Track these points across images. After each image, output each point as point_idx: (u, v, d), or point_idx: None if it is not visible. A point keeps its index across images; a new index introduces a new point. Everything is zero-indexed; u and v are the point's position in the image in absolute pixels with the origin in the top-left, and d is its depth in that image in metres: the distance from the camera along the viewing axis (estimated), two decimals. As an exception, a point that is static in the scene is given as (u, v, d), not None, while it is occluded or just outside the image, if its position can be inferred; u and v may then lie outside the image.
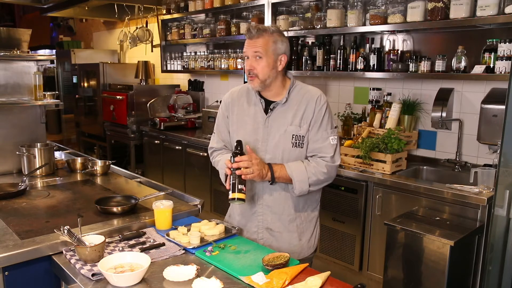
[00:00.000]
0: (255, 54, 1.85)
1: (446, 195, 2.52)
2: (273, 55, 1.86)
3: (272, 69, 1.87)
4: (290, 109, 1.92)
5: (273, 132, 1.92)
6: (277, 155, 1.92)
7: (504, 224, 2.10)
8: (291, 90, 1.94)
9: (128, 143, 5.20)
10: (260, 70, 1.86)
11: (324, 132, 1.91)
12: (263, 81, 1.88)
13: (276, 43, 1.86)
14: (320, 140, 1.91)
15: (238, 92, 2.06)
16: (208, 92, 5.15)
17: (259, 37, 1.84)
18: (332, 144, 1.91)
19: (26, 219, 1.94)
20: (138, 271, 1.44)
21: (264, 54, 1.84)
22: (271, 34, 1.86)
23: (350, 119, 3.43)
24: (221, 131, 2.08)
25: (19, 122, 2.86)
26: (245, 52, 1.89)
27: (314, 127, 1.91)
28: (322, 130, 1.91)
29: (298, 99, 1.93)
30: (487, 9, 2.53)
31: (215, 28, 4.52)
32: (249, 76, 1.89)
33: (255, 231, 2.00)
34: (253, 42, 1.85)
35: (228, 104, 2.05)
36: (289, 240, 1.99)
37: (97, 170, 2.76)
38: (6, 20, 9.41)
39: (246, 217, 2.02)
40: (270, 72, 1.87)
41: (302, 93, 1.94)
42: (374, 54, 3.22)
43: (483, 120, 2.74)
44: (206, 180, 4.13)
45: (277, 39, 1.87)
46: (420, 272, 2.43)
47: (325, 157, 1.90)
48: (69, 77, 6.46)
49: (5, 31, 3.87)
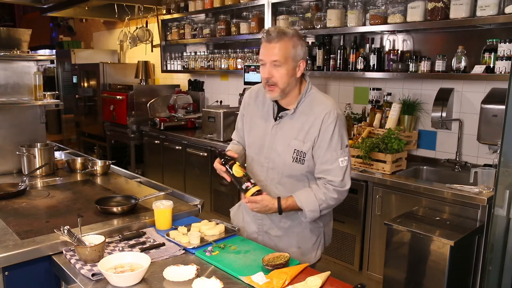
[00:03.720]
0: (274, 63, 1.73)
1: (446, 195, 2.52)
2: (292, 62, 1.74)
3: (291, 76, 1.76)
4: (297, 121, 1.83)
5: (277, 142, 1.87)
6: (279, 167, 1.88)
7: (504, 224, 2.10)
8: (302, 100, 1.83)
9: (128, 143, 5.20)
10: (279, 79, 1.74)
11: (334, 153, 1.78)
12: (283, 90, 1.77)
13: (296, 48, 1.74)
14: (329, 161, 1.79)
15: (256, 91, 1.99)
16: (208, 92, 5.16)
17: (279, 41, 1.70)
18: (341, 167, 1.78)
19: (26, 219, 1.94)
20: (138, 271, 1.44)
21: (283, 62, 1.72)
22: (291, 38, 1.72)
23: (350, 119, 3.43)
24: (239, 128, 2.10)
25: (19, 122, 2.86)
26: (261, 57, 1.75)
27: (322, 147, 1.79)
28: (331, 150, 1.78)
29: (307, 111, 1.82)
30: (487, 9, 2.53)
31: (215, 28, 4.52)
32: (267, 85, 1.78)
33: (255, 231, 2.01)
34: (272, 47, 1.71)
35: (246, 104, 2.04)
36: (288, 246, 1.93)
37: (97, 170, 2.76)
38: (6, 20, 9.41)
39: (250, 215, 2.02)
40: (290, 80, 1.76)
41: (313, 105, 1.82)
42: (374, 54, 3.22)
43: (483, 120, 2.74)
44: (206, 180, 4.13)
45: (296, 43, 1.74)
46: (420, 272, 2.43)
47: (333, 181, 1.79)
48: (69, 77, 6.46)
49: (5, 31, 3.87)
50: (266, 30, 1.75)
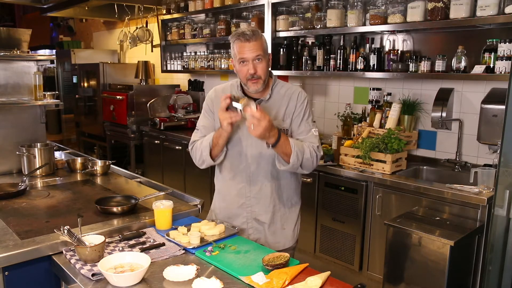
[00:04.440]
0: (257, 57, 1.90)
1: (446, 195, 2.52)
2: (267, 55, 1.96)
3: (268, 68, 1.98)
4: (273, 105, 2.02)
5: None
6: (263, 150, 1.98)
7: (504, 224, 2.10)
8: (273, 87, 2.04)
9: (128, 143, 5.20)
10: (262, 72, 1.93)
11: (307, 125, 2.02)
12: (264, 81, 1.96)
13: (266, 43, 1.97)
14: (304, 132, 2.02)
15: (222, 90, 2.12)
16: (208, 92, 5.15)
17: (256, 39, 1.90)
18: (315, 135, 2.02)
19: (26, 219, 1.94)
20: (138, 271, 1.44)
21: (263, 56, 1.92)
22: (261, 35, 1.94)
23: (350, 119, 3.43)
24: (207, 127, 2.11)
25: (19, 122, 2.86)
26: (244, 56, 1.90)
27: (296, 120, 2.02)
28: (304, 122, 2.02)
29: (281, 95, 2.04)
30: (487, 9, 2.53)
31: (215, 28, 4.52)
32: (252, 80, 1.93)
33: (244, 222, 2.08)
34: (252, 45, 1.89)
35: (213, 100, 2.11)
36: (274, 229, 2.09)
37: (97, 170, 2.76)
38: (6, 20, 9.41)
39: (231, 209, 2.09)
40: (267, 71, 1.98)
41: (284, 90, 2.05)
42: (374, 54, 3.22)
43: (483, 120, 2.74)
44: (206, 180, 4.13)
45: (265, 39, 1.96)
46: (420, 272, 2.43)
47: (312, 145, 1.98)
48: (69, 77, 6.46)
49: (5, 31, 3.87)
50: (240, 32, 1.92)
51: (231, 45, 1.97)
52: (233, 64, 2.01)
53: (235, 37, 1.93)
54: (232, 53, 1.99)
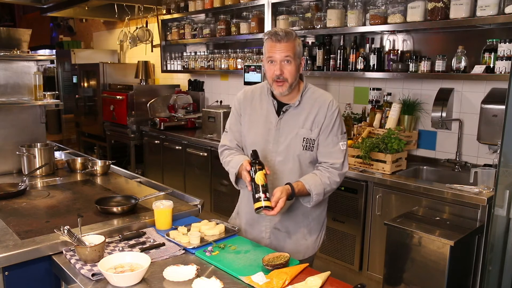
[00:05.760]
0: (286, 59, 1.85)
1: (446, 195, 2.52)
2: (298, 59, 1.89)
3: (297, 72, 1.91)
4: (302, 112, 1.94)
5: (285, 135, 1.94)
6: (289, 158, 1.94)
7: (504, 224, 2.10)
8: (303, 93, 1.96)
9: (128, 143, 5.20)
10: (289, 75, 1.87)
11: (335, 137, 1.94)
12: (291, 85, 1.90)
13: (300, 47, 1.90)
14: (330, 144, 1.94)
15: (251, 92, 2.06)
16: (208, 92, 5.16)
17: (288, 40, 1.84)
18: (342, 150, 1.94)
19: (26, 219, 1.94)
20: (138, 271, 1.44)
21: (293, 58, 1.86)
22: (295, 37, 1.88)
23: (350, 119, 3.42)
24: (234, 130, 2.08)
25: (19, 122, 2.86)
26: (272, 56, 1.86)
27: (325, 132, 1.93)
28: (332, 135, 1.94)
29: (311, 102, 1.95)
30: (487, 9, 2.53)
31: (215, 28, 4.52)
32: (277, 81, 1.88)
33: (262, 230, 2.02)
34: (282, 46, 1.84)
35: (241, 103, 2.06)
36: (296, 239, 2.02)
37: (97, 170, 2.76)
38: (6, 20, 9.41)
39: (254, 217, 2.01)
40: (296, 75, 1.90)
41: (315, 97, 1.96)
42: (374, 54, 3.22)
43: (483, 120, 2.74)
44: (206, 180, 4.13)
45: (299, 42, 1.90)
46: (420, 272, 2.43)
47: (335, 164, 1.92)
48: (69, 77, 6.46)
49: (5, 31, 3.86)
50: (273, 31, 1.87)
51: (264, 44, 1.92)
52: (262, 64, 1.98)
53: (268, 36, 1.89)
54: (263, 51, 1.94)
